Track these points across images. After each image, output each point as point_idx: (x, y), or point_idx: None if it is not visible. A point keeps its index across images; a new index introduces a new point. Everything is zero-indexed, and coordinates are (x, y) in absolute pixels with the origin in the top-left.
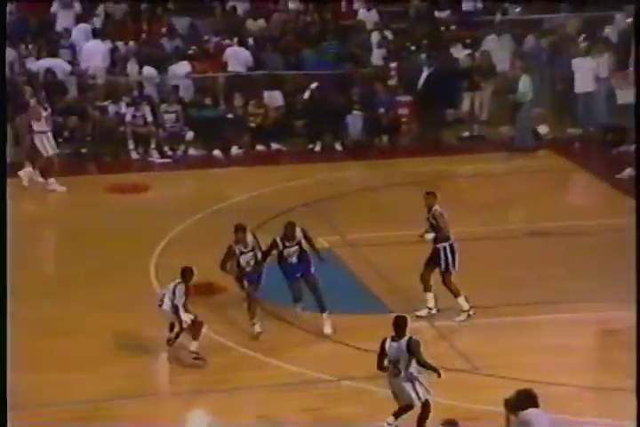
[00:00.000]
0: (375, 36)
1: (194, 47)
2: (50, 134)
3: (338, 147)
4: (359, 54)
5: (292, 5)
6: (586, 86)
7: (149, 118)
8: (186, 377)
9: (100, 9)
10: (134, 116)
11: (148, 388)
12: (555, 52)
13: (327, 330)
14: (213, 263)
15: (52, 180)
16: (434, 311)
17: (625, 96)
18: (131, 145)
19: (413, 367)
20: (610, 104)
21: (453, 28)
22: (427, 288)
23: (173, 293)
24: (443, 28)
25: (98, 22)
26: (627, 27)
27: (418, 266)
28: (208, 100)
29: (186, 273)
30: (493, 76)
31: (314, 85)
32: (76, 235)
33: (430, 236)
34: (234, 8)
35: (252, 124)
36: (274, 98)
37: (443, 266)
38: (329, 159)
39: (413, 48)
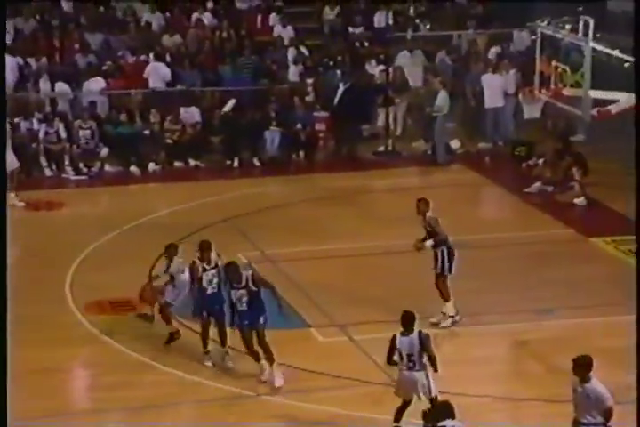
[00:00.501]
0: (291, 53)
1: (108, 63)
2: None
3: (256, 162)
4: (276, 70)
5: (207, 21)
6: (495, 102)
7: (63, 135)
8: (107, 395)
9: (10, 24)
10: (47, 133)
11: (57, 407)
12: (464, 68)
13: (278, 383)
14: (131, 280)
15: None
16: (457, 318)
17: (531, 111)
18: (44, 162)
19: (425, 360)
20: (517, 119)
21: (367, 44)
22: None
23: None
24: (357, 44)
25: (7, 38)
26: (531, 44)
27: (336, 280)
28: (124, 117)
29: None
30: (407, 92)
31: (232, 101)
32: None
33: (429, 243)
34: (148, 24)
35: (169, 141)
36: (191, 114)
37: (438, 268)
38: (247, 175)
39: (329, 64)
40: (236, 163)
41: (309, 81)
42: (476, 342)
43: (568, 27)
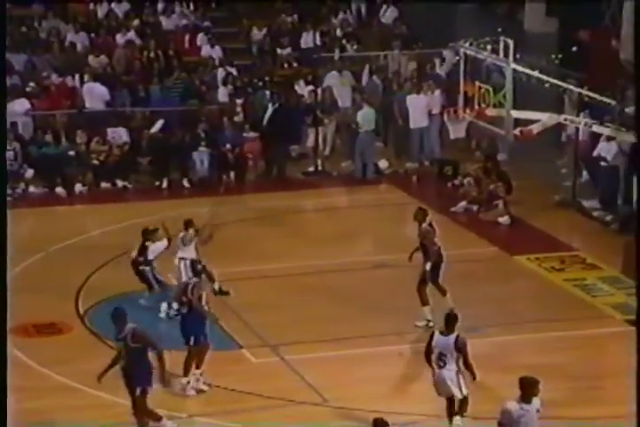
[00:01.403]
0: (220, 73)
1: (32, 84)
2: None
3: (185, 183)
4: (205, 91)
5: (134, 41)
6: (419, 122)
7: None
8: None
9: None
10: None
11: None
12: (389, 88)
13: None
14: (56, 303)
15: None
16: (431, 325)
17: (456, 131)
18: None
19: (457, 363)
20: (443, 139)
21: (295, 64)
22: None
23: None
24: (285, 64)
25: None
26: (455, 64)
27: (269, 301)
28: (49, 138)
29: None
30: (336, 112)
31: (160, 122)
32: None
33: (428, 266)
34: (73, 44)
35: (96, 162)
36: (118, 135)
37: (421, 275)
38: (176, 196)
39: (258, 84)
40: (164, 184)
41: (238, 101)
42: (403, 360)
43: (489, 47)
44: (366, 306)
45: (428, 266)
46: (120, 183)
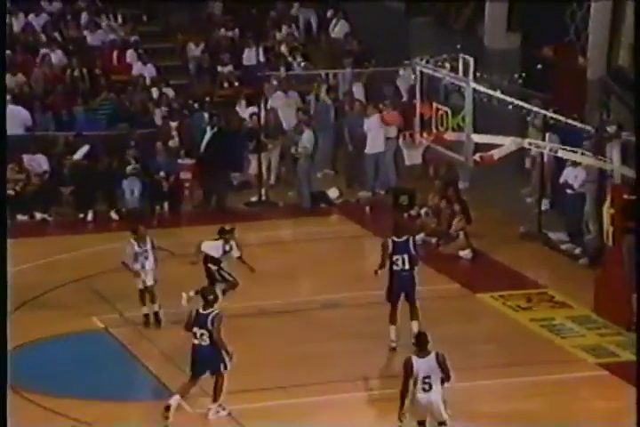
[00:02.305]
0: (153, 93)
1: None
2: None
3: (113, 216)
4: (135, 113)
5: (55, 59)
6: (376, 147)
7: None
8: None
9: None
10: None
11: None
12: (341, 110)
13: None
14: None
15: None
16: (394, 345)
17: (412, 157)
18: None
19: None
20: (398, 166)
21: (236, 84)
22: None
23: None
24: (225, 84)
25: None
26: (413, 83)
27: None
28: None
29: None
30: (281, 136)
31: (85, 148)
32: None
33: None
34: None
35: (11, 192)
36: (37, 162)
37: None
38: (103, 229)
39: (195, 106)
40: (90, 216)
41: (173, 124)
42: (358, 408)
43: (447, 65)
44: (314, 350)
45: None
46: (39, 216)
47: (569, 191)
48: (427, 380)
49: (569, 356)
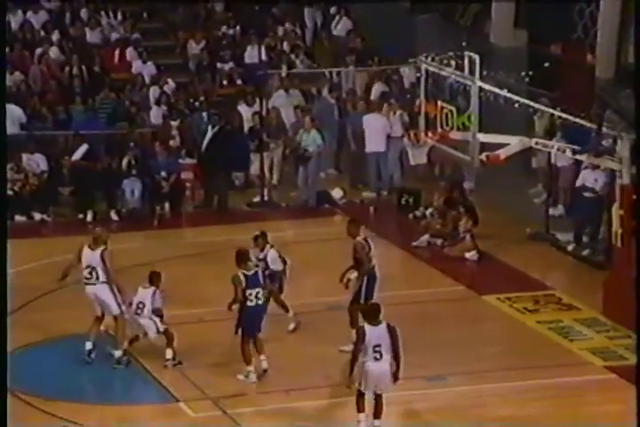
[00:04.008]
0: (153, 92)
1: None
2: None
3: (113, 216)
4: (135, 112)
5: (53, 56)
6: (376, 146)
7: None
8: None
9: None
10: None
11: None
12: (344, 108)
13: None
14: None
15: None
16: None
17: (417, 157)
18: None
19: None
20: (402, 165)
21: (238, 82)
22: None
23: (153, 297)
24: (226, 82)
25: None
26: (415, 81)
27: (209, 348)
28: None
29: (154, 278)
30: (284, 135)
31: (84, 147)
32: None
33: (353, 275)
34: None
35: (10, 192)
36: (35, 162)
37: (354, 295)
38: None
39: (196, 105)
40: (89, 217)
41: (174, 124)
42: (354, 411)
43: (453, 63)
44: (319, 353)
45: (363, 283)
46: (38, 216)
47: (587, 195)
48: (377, 348)
49: (577, 359)
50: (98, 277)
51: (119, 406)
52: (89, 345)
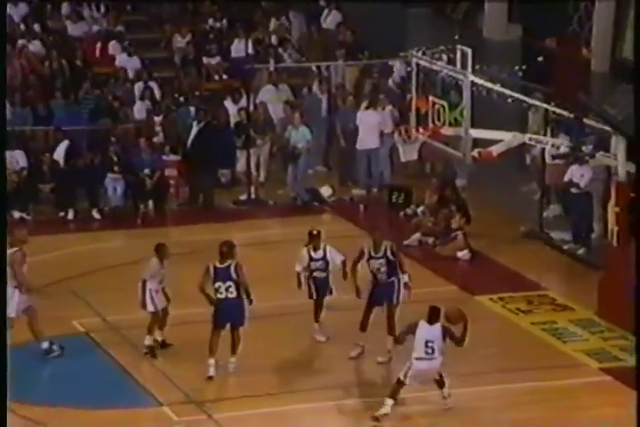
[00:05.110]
0: (137, 87)
1: None
2: None
3: (95, 215)
4: (118, 107)
5: (32, 48)
6: (369, 143)
7: None
8: None
9: None
10: None
11: None
12: (334, 104)
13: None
14: None
15: None
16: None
17: (408, 153)
18: None
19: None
20: (393, 162)
21: (224, 76)
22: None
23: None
24: (213, 76)
25: None
26: (406, 76)
27: (193, 350)
28: None
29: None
30: (271, 131)
31: (65, 144)
32: None
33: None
34: None
35: None
36: (15, 159)
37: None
38: (85, 229)
39: (181, 100)
40: (70, 215)
41: (158, 119)
42: (357, 415)
43: (445, 57)
44: (305, 356)
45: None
46: (17, 214)
47: (574, 190)
48: (430, 344)
49: (571, 361)
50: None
51: (101, 410)
52: (44, 345)
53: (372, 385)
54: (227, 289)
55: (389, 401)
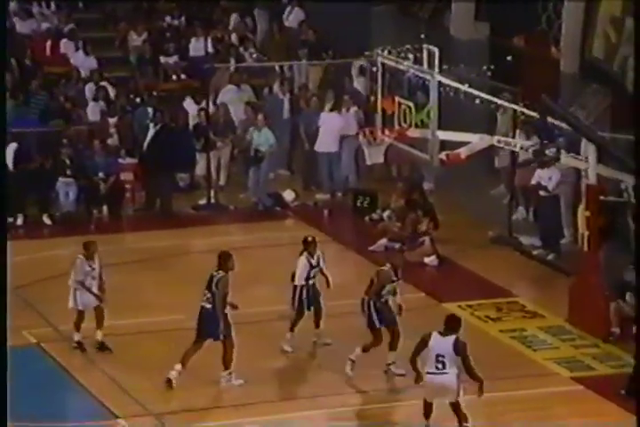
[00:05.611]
0: (90, 87)
1: None
2: None
3: (46, 220)
4: (70, 108)
5: None
6: (328, 146)
7: None
8: None
9: None
10: None
11: None
12: (297, 104)
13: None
14: None
15: None
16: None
17: (373, 156)
18: None
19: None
20: (358, 165)
21: (183, 76)
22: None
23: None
24: (171, 76)
25: None
26: (372, 76)
27: (151, 361)
28: None
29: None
30: (232, 134)
31: (13, 146)
32: None
33: None
34: None
35: None
36: None
37: None
38: (34, 235)
39: (137, 101)
40: (19, 221)
41: (112, 121)
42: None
43: (411, 57)
44: (269, 365)
45: None
46: None
47: (542, 193)
48: (440, 358)
49: (541, 369)
50: None
51: (53, 425)
52: None
53: (341, 395)
54: (207, 299)
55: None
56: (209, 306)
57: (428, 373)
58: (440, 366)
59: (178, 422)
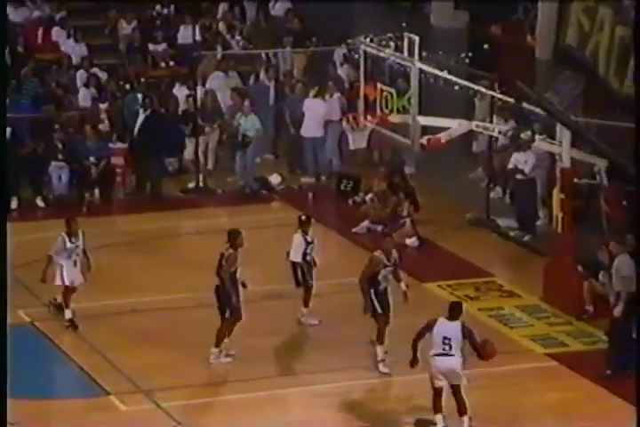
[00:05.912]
0: (81, 74)
1: None
2: None
3: (39, 203)
4: (62, 94)
5: None
6: (313, 131)
7: None
8: None
9: None
10: None
11: None
12: (282, 91)
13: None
14: None
15: None
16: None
17: (357, 141)
18: None
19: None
20: (342, 150)
21: (171, 63)
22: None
23: None
24: (161, 63)
25: None
26: (354, 63)
27: (142, 339)
28: None
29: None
30: (220, 119)
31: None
32: None
33: None
34: None
35: None
36: None
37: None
38: (28, 218)
39: (127, 87)
40: (13, 204)
41: (103, 106)
42: (305, 403)
43: (392, 44)
44: (256, 344)
45: None
46: None
47: (519, 177)
48: (447, 341)
49: (517, 346)
50: None
51: (47, 401)
52: None
53: (324, 372)
54: (219, 277)
55: (438, 417)
56: (218, 283)
57: (435, 355)
58: (447, 347)
59: (167, 399)
